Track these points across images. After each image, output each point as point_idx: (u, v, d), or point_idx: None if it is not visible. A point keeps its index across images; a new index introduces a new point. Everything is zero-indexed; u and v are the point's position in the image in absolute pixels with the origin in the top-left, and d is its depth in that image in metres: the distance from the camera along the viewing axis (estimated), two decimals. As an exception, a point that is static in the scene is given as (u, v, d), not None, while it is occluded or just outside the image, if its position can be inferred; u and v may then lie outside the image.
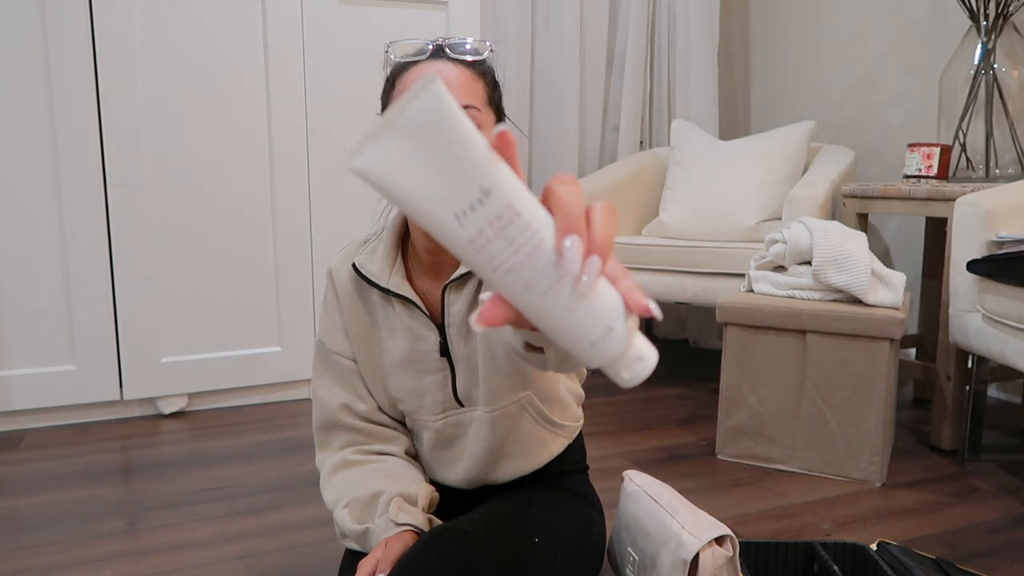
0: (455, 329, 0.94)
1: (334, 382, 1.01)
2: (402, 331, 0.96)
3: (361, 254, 0.97)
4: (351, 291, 0.98)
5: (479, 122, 0.86)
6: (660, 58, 2.93)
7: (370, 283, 0.96)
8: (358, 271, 0.96)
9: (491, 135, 0.88)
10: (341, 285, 0.99)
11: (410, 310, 0.95)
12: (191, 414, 2.08)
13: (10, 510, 1.48)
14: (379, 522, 0.90)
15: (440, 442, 1.00)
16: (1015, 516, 1.48)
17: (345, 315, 0.99)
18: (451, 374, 0.96)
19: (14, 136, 1.84)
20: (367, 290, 0.98)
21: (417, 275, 0.97)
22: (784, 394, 1.69)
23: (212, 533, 1.39)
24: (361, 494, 0.93)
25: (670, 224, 2.48)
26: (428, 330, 0.95)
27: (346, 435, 1.02)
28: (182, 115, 1.97)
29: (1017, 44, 1.95)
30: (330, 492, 0.98)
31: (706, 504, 1.52)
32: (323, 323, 1.01)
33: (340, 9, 2.08)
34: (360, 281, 0.98)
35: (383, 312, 0.98)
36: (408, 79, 0.86)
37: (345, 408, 1.00)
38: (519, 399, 0.96)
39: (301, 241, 2.13)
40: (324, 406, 1.01)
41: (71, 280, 1.92)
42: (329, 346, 1.01)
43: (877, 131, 2.58)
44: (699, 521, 0.98)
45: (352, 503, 0.94)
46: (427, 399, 0.98)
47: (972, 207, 1.64)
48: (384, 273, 0.95)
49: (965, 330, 1.67)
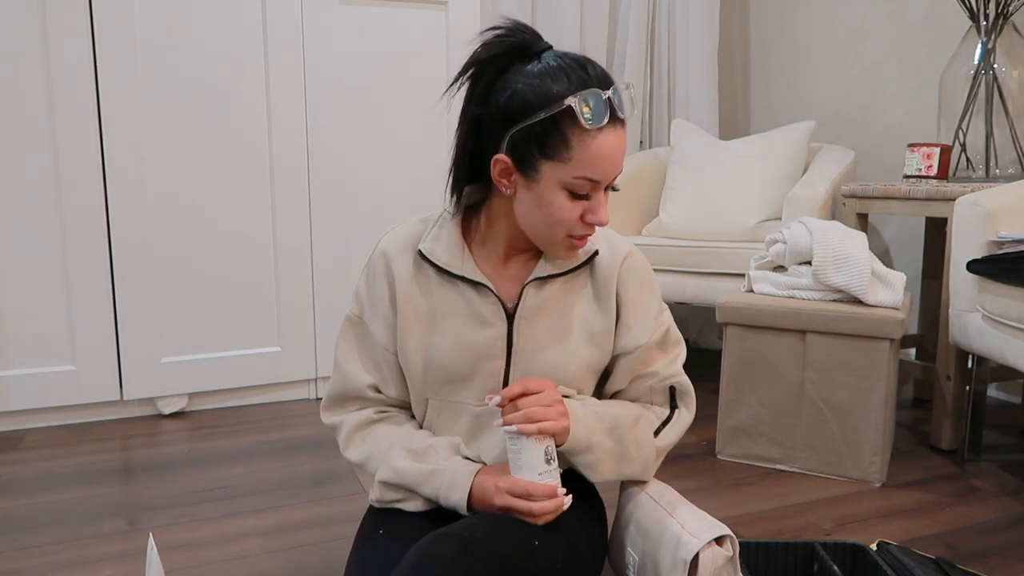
0: (525, 322, 0.99)
1: (368, 361, 1.05)
2: (467, 314, 1.00)
3: (425, 241, 1.01)
4: (411, 274, 1.01)
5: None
6: (660, 58, 2.93)
7: (439, 269, 1.00)
8: (425, 257, 1.00)
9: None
10: (399, 265, 1.01)
11: (483, 296, 0.99)
12: (191, 414, 2.08)
13: (10, 510, 1.48)
14: (447, 463, 0.96)
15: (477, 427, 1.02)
16: (1015, 516, 1.48)
17: (399, 295, 1.01)
18: (506, 364, 1.00)
19: (14, 136, 1.84)
20: (427, 272, 1.01)
21: (481, 261, 1.02)
22: (784, 394, 1.69)
23: (212, 533, 1.39)
24: (416, 443, 0.99)
25: (670, 224, 2.48)
26: (498, 318, 1.00)
27: (364, 404, 1.07)
28: (182, 116, 1.97)
29: (1017, 44, 1.95)
30: (365, 446, 1.03)
31: (706, 504, 1.52)
32: (364, 303, 1.04)
33: (340, 9, 2.08)
34: (423, 264, 1.01)
35: (441, 294, 1.01)
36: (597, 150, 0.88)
37: (374, 388, 1.05)
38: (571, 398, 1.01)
39: (301, 240, 2.13)
40: (351, 380, 1.04)
41: (71, 280, 1.92)
42: (370, 327, 1.03)
43: (877, 131, 2.58)
44: (699, 521, 0.98)
45: (409, 450, 0.98)
46: (475, 384, 1.00)
47: (972, 207, 1.64)
48: (456, 260, 0.99)
49: (965, 330, 1.67)
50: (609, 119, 0.88)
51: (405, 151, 2.22)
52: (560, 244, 0.95)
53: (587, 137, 0.88)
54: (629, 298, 1.04)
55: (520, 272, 1.02)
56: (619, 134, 0.90)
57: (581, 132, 0.88)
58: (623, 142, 0.91)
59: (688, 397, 1.09)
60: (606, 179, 0.91)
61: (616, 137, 0.89)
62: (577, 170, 0.89)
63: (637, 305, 1.04)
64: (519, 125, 0.89)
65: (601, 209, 0.92)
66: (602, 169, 0.89)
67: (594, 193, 0.92)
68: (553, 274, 1.00)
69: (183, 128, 1.98)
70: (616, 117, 0.89)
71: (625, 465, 1.01)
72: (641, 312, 1.04)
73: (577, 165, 0.89)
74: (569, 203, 0.91)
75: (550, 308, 1.01)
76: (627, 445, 1.00)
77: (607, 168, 0.89)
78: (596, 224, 0.93)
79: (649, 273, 1.07)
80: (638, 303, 1.04)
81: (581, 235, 0.94)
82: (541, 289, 1.00)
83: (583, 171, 0.89)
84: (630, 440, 1.01)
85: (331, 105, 2.11)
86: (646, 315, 1.05)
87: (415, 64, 2.19)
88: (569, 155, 0.88)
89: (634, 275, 1.04)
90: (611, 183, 0.93)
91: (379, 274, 1.02)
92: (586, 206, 0.92)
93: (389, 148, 2.20)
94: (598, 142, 0.88)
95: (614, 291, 1.03)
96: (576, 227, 0.93)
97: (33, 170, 1.86)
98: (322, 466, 1.71)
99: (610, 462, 0.99)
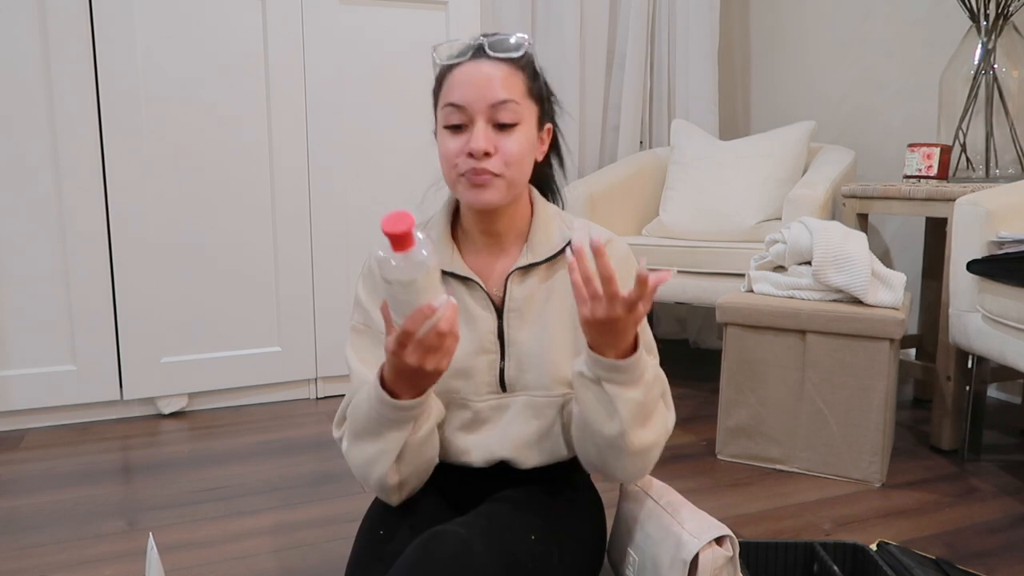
0: (514, 314, 1.00)
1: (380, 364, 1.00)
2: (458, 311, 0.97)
3: None
4: None
5: (518, 115, 0.94)
6: (660, 58, 2.93)
7: None
8: None
9: (532, 125, 0.97)
10: None
11: (472, 291, 1.00)
12: (191, 414, 2.08)
13: (10, 510, 1.49)
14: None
15: (476, 422, 1.01)
16: (1015, 516, 1.48)
17: None
18: (500, 357, 1.00)
19: (14, 136, 1.84)
20: None
21: (469, 257, 1.03)
22: (784, 394, 1.69)
23: (212, 533, 1.39)
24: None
25: (670, 224, 2.48)
26: (487, 311, 1.00)
27: None
28: (182, 114, 1.97)
29: (1017, 44, 1.95)
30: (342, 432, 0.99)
31: (706, 504, 1.52)
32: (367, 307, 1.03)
33: (340, 9, 2.08)
34: None
35: None
36: (454, 79, 0.94)
37: None
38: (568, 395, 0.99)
39: (301, 240, 2.13)
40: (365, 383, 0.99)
41: (71, 280, 1.92)
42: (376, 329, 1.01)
43: (877, 131, 2.58)
44: (699, 521, 0.98)
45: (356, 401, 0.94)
46: (473, 379, 1.00)
47: (972, 207, 1.63)
48: (444, 257, 1.01)
49: (965, 330, 1.67)
50: (472, 56, 0.94)
51: (405, 151, 2.22)
52: (461, 187, 0.95)
53: (448, 73, 0.95)
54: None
55: (507, 265, 1.02)
56: (482, 64, 0.93)
57: (444, 72, 0.96)
58: (492, 71, 0.93)
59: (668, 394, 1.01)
60: (469, 102, 0.92)
61: (478, 66, 0.93)
62: (443, 101, 0.95)
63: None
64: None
65: (478, 136, 0.92)
66: (460, 93, 0.93)
67: (471, 124, 0.93)
68: (534, 263, 1.00)
69: (183, 128, 1.98)
70: (480, 53, 0.94)
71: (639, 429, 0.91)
72: None
73: (443, 97, 0.95)
74: (450, 137, 0.94)
75: (537, 298, 1.01)
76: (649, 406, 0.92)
77: (467, 90, 0.92)
78: (473, 151, 0.91)
79: (630, 259, 1.05)
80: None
81: (468, 169, 0.93)
82: (524, 280, 1.00)
83: (445, 98, 0.94)
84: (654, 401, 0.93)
85: (331, 105, 2.11)
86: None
87: (415, 64, 2.19)
88: (441, 94, 0.96)
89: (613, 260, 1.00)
90: (489, 114, 0.92)
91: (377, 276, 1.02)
92: (466, 139, 0.93)
93: (389, 148, 2.20)
94: (456, 71, 0.94)
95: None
96: (461, 160, 0.94)
97: (33, 170, 1.86)
98: (322, 466, 1.71)
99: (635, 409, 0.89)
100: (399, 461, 0.92)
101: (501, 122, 0.93)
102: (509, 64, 0.94)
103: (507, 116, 0.93)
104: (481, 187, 0.94)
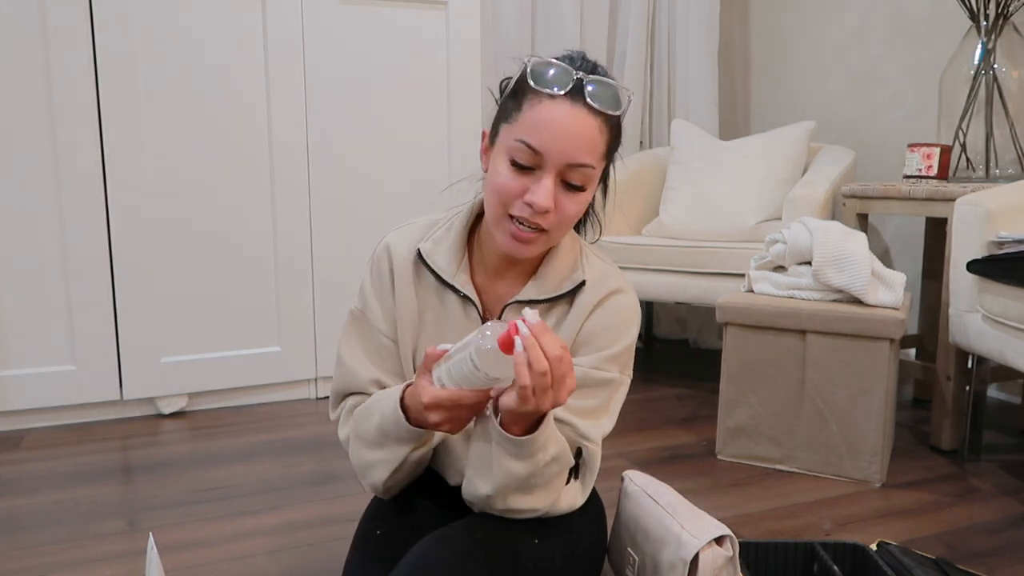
0: None
1: (371, 355, 1.01)
2: (449, 325, 0.98)
3: (427, 241, 0.99)
4: (408, 271, 0.99)
5: (589, 180, 0.88)
6: (660, 58, 2.93)
7: (433, 273, 0.97)
8: (423, 259, 0.98)
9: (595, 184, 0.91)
10: (399, 263, 0.99)
11: (467, 310, 0.97)
12: (191, 414, 2.08)
13: (10, 510, 1.48)
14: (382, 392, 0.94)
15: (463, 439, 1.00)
16: (1015, 516, 1.48)
17: (396, 294, 0.99)
18: None
19: (14, 136, 1.84)
20: (424, 275, 0.99)
21: (478, 271, 0.99)
22: (784, 394, 1.69)
23: (212, 533, 1.39)
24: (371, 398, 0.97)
25: (670, 224, 2.48)
26: None
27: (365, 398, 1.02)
28: (182, 114, 1.97)
29: (1017, 44, 1.95)
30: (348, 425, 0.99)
31: (706, 504, 1.52)
32: (368, 296, 1.01)
33: (340, 9, 2.08)
34: (420, 266, 0.99)
35: (431, 299, 0.99)
36: (541, 115, 0.84)
37: (375, 383, 1.00)
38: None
39: (301, 240, 2.13)
40: (352, 374, 1.00)
41: (71, 280, 1.92)
42: (372, 321, 1.00)
43: (877, 131, 2.58)
44: (699, 521, 0.98)
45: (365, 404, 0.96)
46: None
47: (972, 207, 1.64)
48: (451, 267, 0.97)
49: (965, 330, 1.67)
50: (568, 94, 0.84)
51: (405, 151, 2.22)
52: (502, 225, 0.89)
53: (537, 100, 0.85)
54: (589, 331, 0.96)
55: (509, 291, 0.98)
56: (578, 113, 0.84)
57: (533, 95, 0.85)
58: (583, 125, 0.84)
59: (590, 475, 0.95)
60: (549, 153, 0.84)
61: (572, 115, 0.84)
62: (519, 132, 0.85)
63: (590, 339, 0.96)
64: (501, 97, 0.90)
65: (542, 191, 0.84)
66: (543, 137, 0.83)
67: (539, 170, 0.86)
68: (536, 299, 0.95)
69: (183, 128, 1.98)
70: (579, 96, 0.85)
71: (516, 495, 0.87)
72: (592, 347, 0.95)
73: (520, 127, 0.85)
74: (510, 172, 0.86)
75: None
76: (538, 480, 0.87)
77: (550, 140, 0.84)
78: (532, 204, 0.85)
79: (627, 320, 0.98)
80: (591, 337, 0.96)
81: (520, 217, 0.87)
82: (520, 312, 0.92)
83: (523, 133, 0.85)
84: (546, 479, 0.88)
85: (331, 105, 2.11)
86: (596, 352, 0.95)
87: (415, 64, 2.19)
88: (518, 116, 0.86)
89: (608, 315, 0.96)
90: (564, 172, 0.86)
91: (383, 267, 1.01)
92: (528, 185, 0.86)
93: (389, 148, 2.20)
94: (546, 108, 0.84)
95: (580, 325, 0.96)
96: (514, 202, 0.86)
97: (33, 170, 1.86)
98: (322, 466, 1.71)
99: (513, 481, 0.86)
100: (397, 471, 0.93)
101: (570, 182, 0.87)
102: (603, 120, 0.86)
103: (578, 179, 0.87)
104: (525, 243, 0.89)
